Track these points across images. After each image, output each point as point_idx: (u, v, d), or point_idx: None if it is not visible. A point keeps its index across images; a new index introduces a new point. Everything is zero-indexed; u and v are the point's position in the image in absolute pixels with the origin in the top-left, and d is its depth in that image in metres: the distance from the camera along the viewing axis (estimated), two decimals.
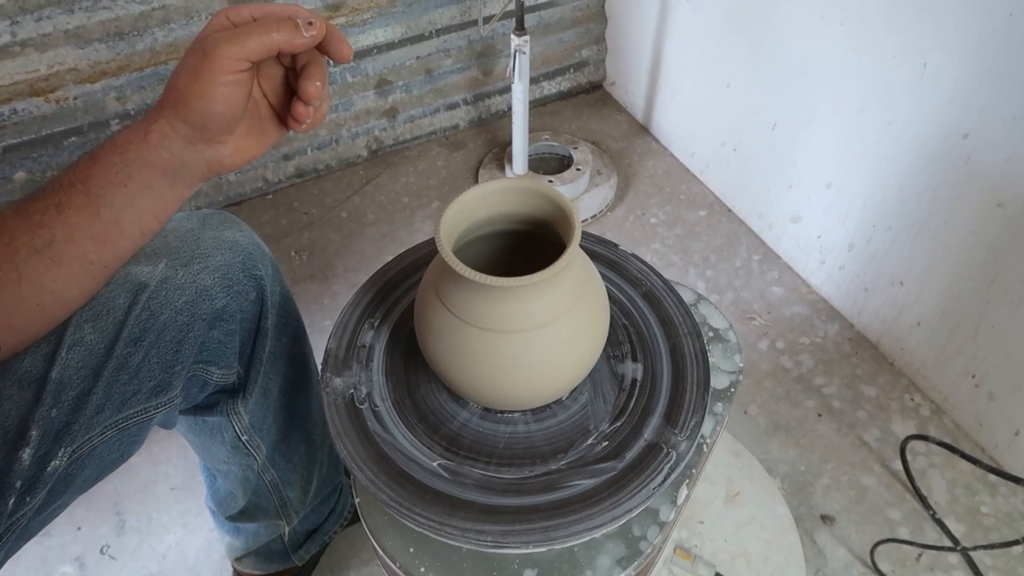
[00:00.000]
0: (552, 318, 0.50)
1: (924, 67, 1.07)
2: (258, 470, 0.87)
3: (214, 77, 0.50)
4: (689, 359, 0.60)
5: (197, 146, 0.54)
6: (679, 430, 0.56)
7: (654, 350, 0.61)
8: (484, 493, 0.53)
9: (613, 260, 0.68)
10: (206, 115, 0.52)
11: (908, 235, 1.20)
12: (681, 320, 0.63)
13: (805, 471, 1.19)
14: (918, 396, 1.27)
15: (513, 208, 0.52)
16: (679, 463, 0.54)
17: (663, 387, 0.58)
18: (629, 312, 0.64)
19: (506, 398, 0.54)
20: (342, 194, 1.69)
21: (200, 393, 0.73)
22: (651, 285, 0.66)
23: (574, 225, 0.49)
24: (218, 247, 0.68)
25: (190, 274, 0.66)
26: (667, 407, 0.57)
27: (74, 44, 1.33)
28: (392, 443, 0.56)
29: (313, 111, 0.55)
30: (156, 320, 0.64)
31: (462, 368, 0.53)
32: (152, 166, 0.54)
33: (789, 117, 1.36)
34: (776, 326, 1.38)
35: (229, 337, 0.71)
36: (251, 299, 0.72)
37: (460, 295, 0.51)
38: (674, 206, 1.61)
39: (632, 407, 0.58)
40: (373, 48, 1.59)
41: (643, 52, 1.71)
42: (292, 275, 1.51)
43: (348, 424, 0.57)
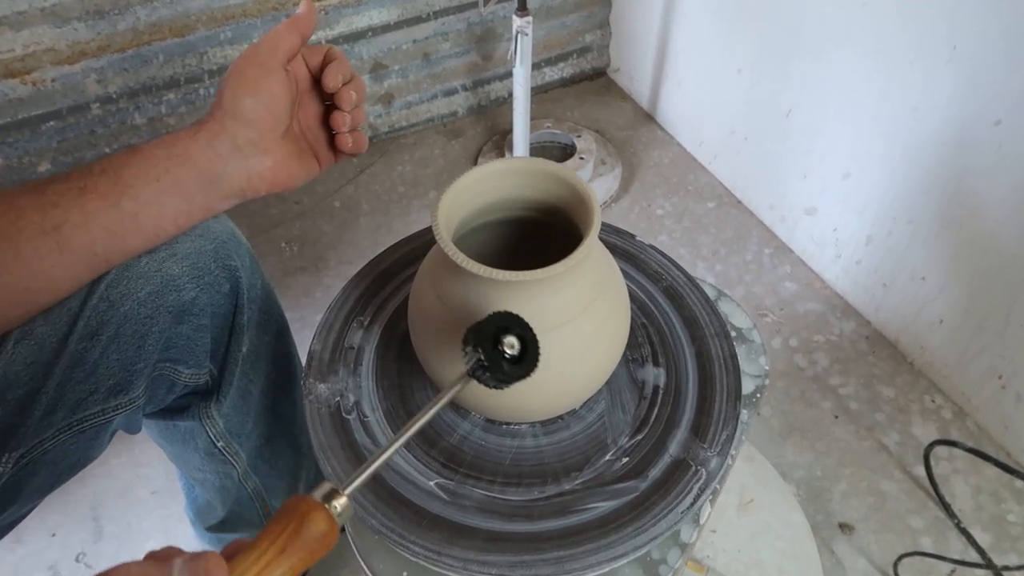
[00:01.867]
0: (568, 317, 0.43)
1: (953, 49, 1.00)
2: (238, 478, 0.80)
3: (256, 70, 0.55)
4: (717, 363, 0.54)
5: (243, 151, 0.55)
6: (708, 444, 0.49)
7: (678, 353, 0.54)
8: (488, 517, 0.47)
9: (629, 252, 0.62)
10: (253, 109, 0.54)
11: (931, 228, 1.14)
12: (707, 319, 0.56)
13: (822, 476, 1.13)
14: (939, 397, 1.21)
15: (521, 192, 0.45)
16: (710, 482, 0.48)
17: (689, 395, 0.52)
18: (649, 311, 0.57)
19: (513, 408, 0.48)
20: (335, 183, 1.62)
21: (168, 395, 0.66)
22: (672, 280, 0.59)
23: (592, 211, 0.43)
24: (187, 233, 0.62)
25: (155, 262, 0.60)
26: (694, 418, 0.51)
27: (51, 23, 1.26)
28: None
29: (349, 120, 0.58)
30: (115, 312, 0.58)
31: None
32: (194, 164, 0.54)
33: (804, 104, 1.29)
34: (789, 323, 1.32)
35: (199, 333, 0.64)
36: (224, 292, 0.65)
37: (461, 291, 0.44)
38: (681, 197, 1.55)
39: (655, 418, 0.51)
40: (367, 30, 1.52)
41: (649, 37, 1.64)
42: (282, 267, 1.45)
43: (333, 436, 0.50)
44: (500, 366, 0.38)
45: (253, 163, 0.56)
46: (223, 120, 0.55)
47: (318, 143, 0.62)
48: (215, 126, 0.55)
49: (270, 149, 0.57)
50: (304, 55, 0.60)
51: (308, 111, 0.61)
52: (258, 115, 0.55)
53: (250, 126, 0.55)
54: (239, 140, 0.55)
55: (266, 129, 0.56)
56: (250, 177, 0.57)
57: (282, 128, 0.57)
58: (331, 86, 0.58)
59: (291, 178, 0.59)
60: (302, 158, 0.60)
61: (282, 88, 0.56)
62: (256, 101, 0.55)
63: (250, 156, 0.56)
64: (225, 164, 0.55)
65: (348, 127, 0.59)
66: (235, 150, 0.55)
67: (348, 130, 0.59)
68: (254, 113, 0.55)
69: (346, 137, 0.60)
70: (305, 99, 0.61)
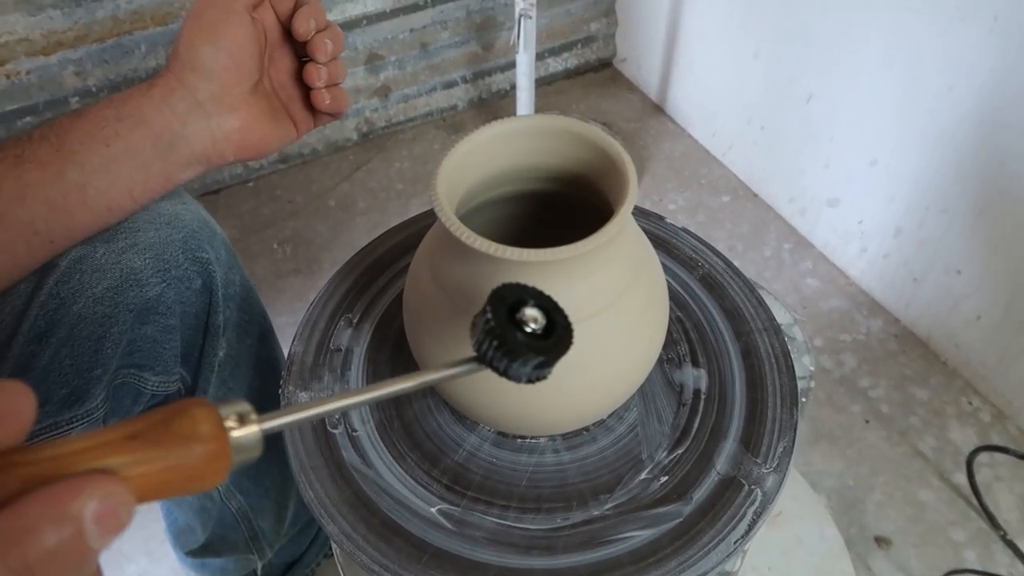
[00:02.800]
0: (599, 307, 0.36)
1: (994, 20, 0.93)
2: (220, 497, 0.73)
3: (216, 12, 0.48)
4: (767, 362, 0.46)
5: (205, 109, 0.49)
6: (763, 459, 0.41)
7: (720, 351, 0.46)
8: (501, 551, 0.39)
9: (659, 236, 0.54)
10: (213, 58, 0.48)
11: (968, 217, 1.06)
12: (752, 312, 0.48)
13: (854, 486, 1.05)
14: (976, 399, 1.13)
15: (538, 157, 0.37)
16: (766, 504, 0.40)
17: (736, 400, 0.44)
18: (684, 302, 0.50)
19: (530, 419, 0.40)
20: (330, 181, 1.55)
21: (134, 405, 0.58)
22: (710, 267, 0.51)
23: (627, 177, 0.35)
24: (151, 221, 0.54)
25: (113, 253, 0.52)
26: (744, 427, 0.43)
27: (24, 11, 1.19)
28: (376, 481, 0.42)
29: (325, 74, 0.52)
30: (67, 310, 0.50)
31: (470, 378, 0.38)
32: (147, 124, 0.47)
33: (826, 88, 1.21)
34: (813, 322, 1.24)
35: (167, 335, 0.56)
36: (195, 288, 0.57)
37: (467, 277, 0.36)
38: (694, 191, 1.47)
39: (697, 428, 0.43)
40: (362, 19, 1.44)
41: (657, 23, 1.56)
42: (275, 269, 1.38)
43: (316, 455, 0.42)
44: (517, 343, 0.29)
45: (217, 123, 0.49)
46: (180, 73, 0.48)
47: (293, 103, 0.55)
48: (171, 80, 0.48)
49: (236, 107, 0.50)
50: (272, 2, 0.52)
51: (281, 67, 0.54)
52: (219, 65, 0.48)
53: (211, 78, 0.48)
54: (199, 96, 0.48)
55: (230, 82, 0.49)
56: (214, 140, 0.50)
57: (249, 82, 0.50)
58: (302, 32, 0.50)
59: (263, 141, 0.52)
60: (276, 119, 0.53)
61: (246, 34, 0.49)
62: (216, 49, 0.48)
63: (213, 115, 0.49)
64: (184, 124, 0.48)
65: (324, 81, 0.52)
66: (195, 107, 0.48)
67: (325, 85, 0.52)
68: (215, 62, 0.48)
69: (322, 93, 0.52)
70: (277, 53, 0.54)
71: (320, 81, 0.52)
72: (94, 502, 0.21)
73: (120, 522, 0.22)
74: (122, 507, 0.22)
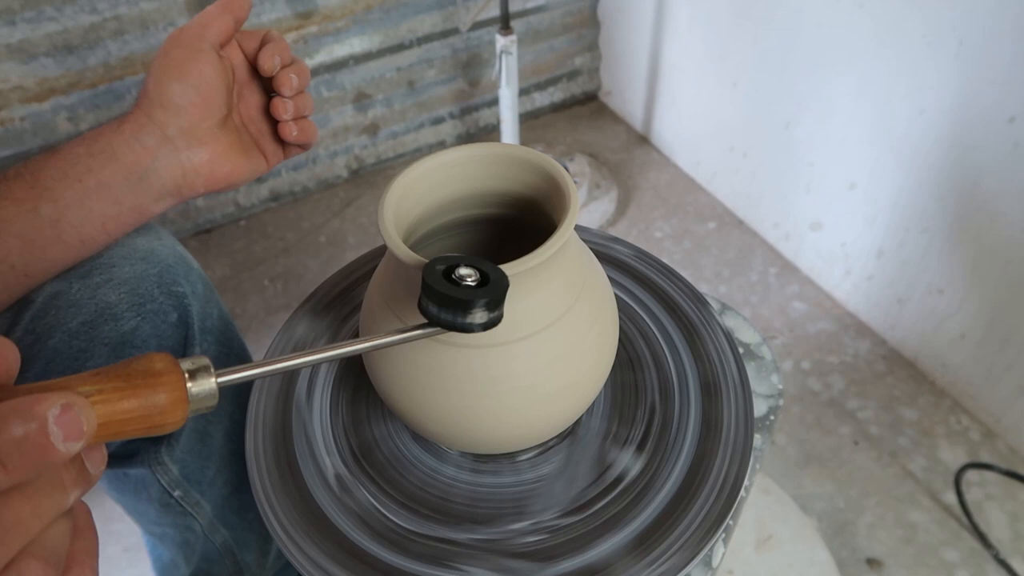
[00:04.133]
0: (543, 324, 0.36)
1: (959, 44, 0.95)
2: (203, 531, 0.73)
3: (183, 52, 0.50)
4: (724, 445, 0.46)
5: (175, 143, 0.50)
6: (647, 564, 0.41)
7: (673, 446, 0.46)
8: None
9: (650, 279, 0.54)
10: (181, 94, 0.50)
11: (947, 236, 1.07)
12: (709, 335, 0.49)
13: (845, 508, 1.04)
14: (965, 418, 1.13)
15: (488, 183, 0.38)
16: None
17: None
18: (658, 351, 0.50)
19: (495, 436, 0.40)
20: (320, 217, 1.56)
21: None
22: (675, 293, 0.52)
23: (568, 198, 0.36)
24: (127, 257, 0.55)
25: (88, 288, 0.53)
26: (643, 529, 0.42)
27: (18, 59, 1.22)
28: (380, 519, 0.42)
29: (291, 107, 0.53)
30: (43, 345, 0.51)
31: (424, 400, 0.39)
32: (119, 160, 0.49)
33: (804, 114, 1.23)
34: (800, 345, 1.25)
35: None
36: (170, 321, 0.58)
37: (414, 297, 0.37)
38: (680, 219, 1.49)
39: (601, 508, 0.43)
40: (349, 59, 1.47)
41: (640, 57, 1.59)
42: (265, 306, 1.39)
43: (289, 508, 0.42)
44: (462, 296, 0.31)
45: (187, 156, 0.51)
46: (149, 110, 0.50)
47: (263, 137, 0.56)
48: (140, 117, 0.50)
49: (205, 140, 0.51)
50: (239, 41, 0.54)
51: (249, 102, 0.56)
52: (187, 100, 0.50)
53: (179, 114, 0.50)
54: (169, 131, 0.50)
55: (198, 117, 0.51)
56: (184, 172, 0.51)
57: (217, 116, 0.52)
58: (267, 68, 0.52)
59: (233, 172, 0.53)
60: (245, 152, 0.54)
61: (213, 71, 0.51)
62: (184, 85, 0.50)
63: (183, 148, 0.51)
64: (154, 159, 0.50)
65: (291, 114, 0.54)
66: (165, 142, 0.50)
67: (291, 117, 0.54)
68: (182, 98, 0.50)
69: (289, 125, 0.54)
70: (246, 90, 0.56)
71: (287, 114, 0.53)
72: (57, 408, 0.24)
73: (80, 429, 0.24)
74: (83, 414, 0.25)
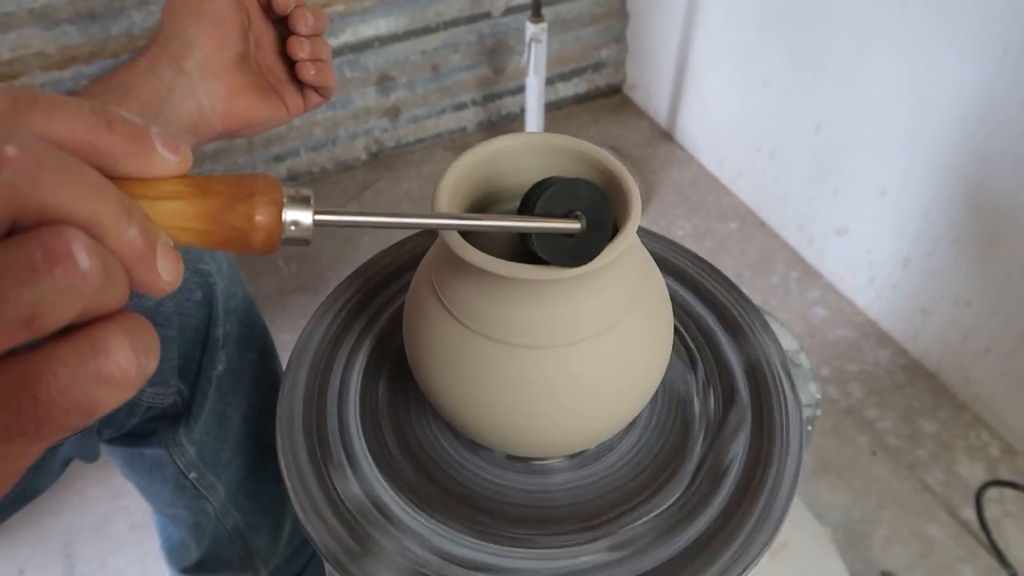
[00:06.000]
0: (603, 326, 0.35)
1: (1004, 52, 0.92)
2: (215, 514, 0.71)
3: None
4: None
5: (191, 76, 0.49)
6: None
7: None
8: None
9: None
10: (196, 26, 0.49)
11: (979, 248, 1.05)
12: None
13: (861, 519, 1.03)
14: (986, 433, 1.11)
15: (543, 174, 0.37)
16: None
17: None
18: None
19: (535, 438, 0.39)
20: (338, 199, 1.55)
21: (129, 418, 0.58)
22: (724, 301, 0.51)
23: (631, 198, 0.34)
24: None
25: None
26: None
27: (40, 25, 1.20)
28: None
29: (307, 46, 0.52)
30: None
31: (475, 399, 0.38)
32: (135, 94, 0.48)
33: (836, 117, 1.21)
34: (819, 351, 1.23)
35: (164, 347, 0.56)
36: (195, 300, 0.57)
37: (468, 293, 0.36)
38: (702, 218, 1.47)
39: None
40: (374, 40, 1.45)
41: (668, 51, 1.57)
42: (280, 287, 1.37)
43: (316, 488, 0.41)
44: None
45: (203, 89, 0.50)
46: (164, 43, 0.50)
47: (282, 84, 0.55)
48: (156, 51, 0.50)
49: (220, 75, 0.50)
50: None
51: (267, 50, 0.55)
52: (202, 32, 0.49)
53: (194, 46, 0.49)
54: (185, 63, 0.49)
55: (213, 49, 0.50)
56: (200, 107, 0.50)
57: (232, 50, 0.51)
58: (281, 5, 0.51)
59: (251, 111, 0.52)
60: (265, 96, 0.53)
61: (227, 5, 0.50)
62: (199, 18, 0.50)
63: (198, 82, 0.50)
64: (171, 91, 0.49)
65: (307, 54, 0.52)
66: (181, 75, 0.49)
67: (308, 57, 0.52)
68: (197, 30, 0.49)
69: (306, 65, 0.53)
70: (263, 38, 0.54)
71: (303, 52, 0.52)
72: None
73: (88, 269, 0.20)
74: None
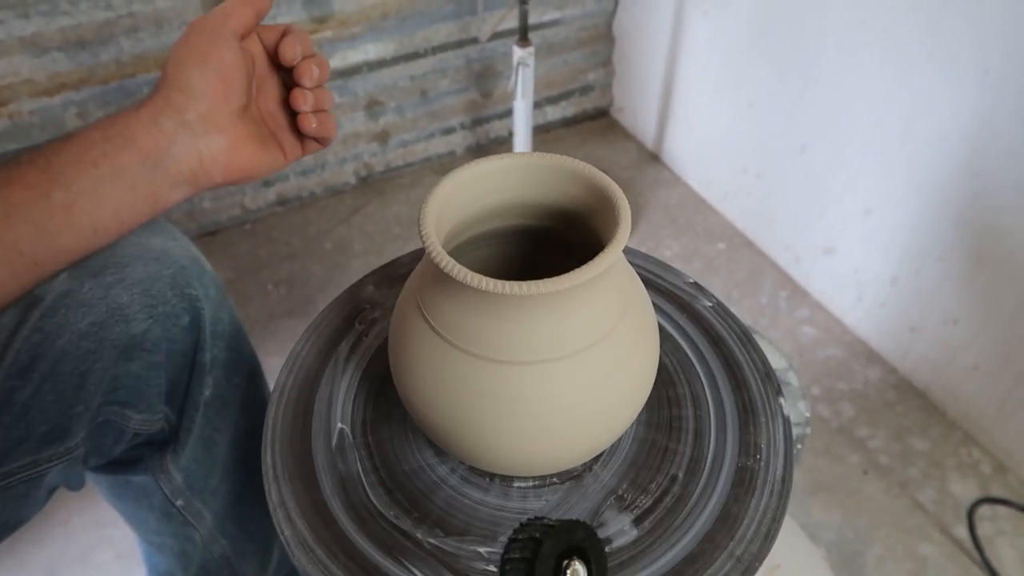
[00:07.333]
0: (589, 342, 0.35)
1: (985, 73, 0.94)
2: (203, 542, 0.70)
3: (204, 37, 0.49)
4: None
5: (193, 129, 0.49)
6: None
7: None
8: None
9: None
10: (201, 78, 0.48)
11: (964, 266, 1.06)
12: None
13: (853, 538, 1.02)
14: (976, 451, 1.11)
15: (530, 193, 0.37)
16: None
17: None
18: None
19: (525, 458, 0.38)
20: (327, 224, 1.55)
21: (116, 444, 0.57)
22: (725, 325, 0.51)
23: (619, 212, 0.35)
24: (141, 256, 0.53)
25: (100, 287, 0.51)
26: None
27: (30, 52, 1.20)
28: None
29: (311, 99, 0.52)
30: (51, 345, 0.49)
31: (460, 417, 0.37)
32: (135, 145, 0.47)
33: (821, 137, 1.23)
34: (809, 370, 1.23)
35: (152, 372, 0.55)
36: (182, 325, 0.56)
37: (455, 312, 0.36)
38: (690, 238, 1.47)
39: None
40: (363, 65, 1.46)
41: (654, 74, 1.58)
42: (269, 310, 1.37)
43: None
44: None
45: (205, 142, 0.49)
46: (168, 94, 0.49)
47: (281, 131, 0.55)
48: (159, 101, 0.49)
49: (224, 127, 0.50)
50: (260, 34, 0.53)
51: (269, 96, 0.55)
52: (207, 85, 0.49)
53: (199, 98, 0.49)
54: (187, 115, 0.49)
55: (217, 102, 0.49)
56: (202, 159, 0.50)
57: (236, 103, 0.51)
58: (288, 57, 0.51)
59: (251, 163, 0.52)
60: (264, 143, 0.53)
61: (234, 58, 0.49)
62: (204, 70, 0.49)
63: (201, 134, 0.49)
64: (171, 143, 0.48)
65: (311, 106, 0.52)
66: (183, 127, 0.48)
67: (311, 109, 0.53)
68: (202, 83, 0.49)
69: (309, 117, 0.53)
70: (265, 84, 0.54)
71: (306, 105, 0.52)
72: None
73: None
74: None
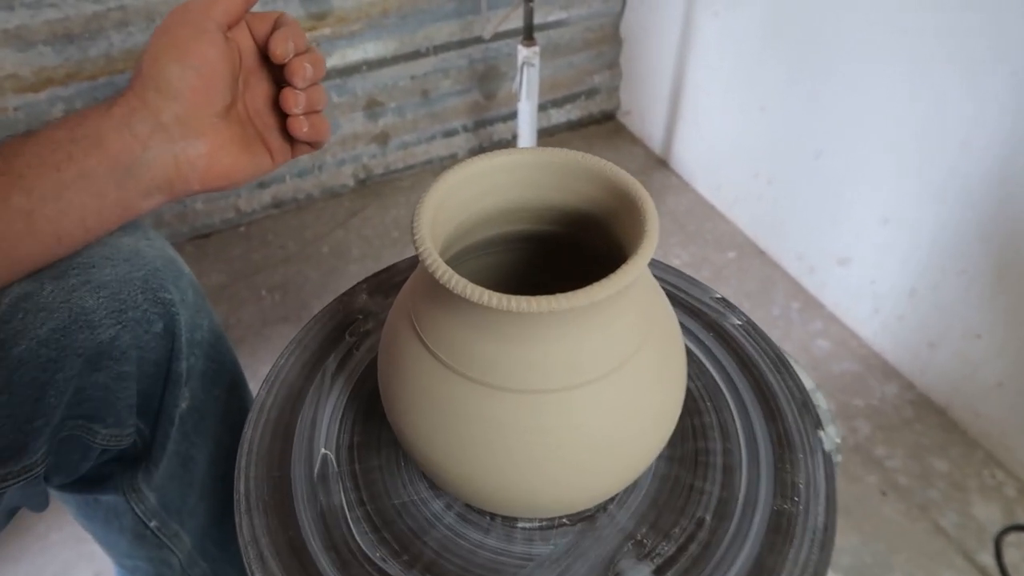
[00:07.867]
0: (608, 368, 0.30)
1: (1012, 76, 0.89)
2: (181, 565, 0.66)
3: (186, 29, 0.44)
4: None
5: (170, 132, 0.44)
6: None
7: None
8: None
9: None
10: (180, 77, 0.44)
11: (988, 279, 1.01)
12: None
13: (872, 563, 0.97)
14: (1000, 472, 1.06)
15: (539, 193, 0.32)
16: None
17: None
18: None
19: (532, 498, 0.33)
20: (324, 227, 1.50)
21: (82, 461, 0.52)
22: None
23: (646, 217, 0.30)
24: (109, 257, 0.49)
25: (62, 290, 0.46)
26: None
27: (14, 46, 1.16)
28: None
29: (303, 100, 0.47)
30: (7, 354, 0.45)
31: (459, 451, 0.32)
32: (104, 148, 0.43)
33: (837, 143, 1.18)
34: (824, 385, 1.18)
35: (121, 383, 0.51)
36: (155, 331, 0.52)
37: (453, 329, 0.31)
38: (699, 246, 1.43)
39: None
40: (362, 64, 1.42)
41: (662, 76, 1.54)
42: (262, 317, 1.32)
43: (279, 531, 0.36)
44: None
45: (182, 147, 0.45)
46: (143, 92, 0.44)
47: (270, 132, 0.50)
48: (133, 100, 0.44)
49: (204, 131, 0.45)
50: (250, 23, 0.48)
51: (257, 93, 0.50)
52: (187, 85, 0.44)
53: (177, 99, 0.44)
54: (164, 117, 0.44)
55: (198, 103, 0.44)
56: (178, 165, 0.45)
57: (220, 104, 0.46)
58: (279, 54, 0.46)
59: (233, 168, 0.47)
60: (249, 147, 0.48)
61: (218, 54, 0.44)
62: (184, 67, 0.44)
63: (178, 139, 0.44)
64: (145, 148, 0.43)
65: (302, 108, 0.47)
66: (159, 130, 0.44)
67: (303, 112, 0.47)
68: (181, 82, 0.44)
69: (300, 120, 0.48)
70: (253, 78, 0.49)
71: (298, 107, 0.47)
72: None
73: None
74: None
